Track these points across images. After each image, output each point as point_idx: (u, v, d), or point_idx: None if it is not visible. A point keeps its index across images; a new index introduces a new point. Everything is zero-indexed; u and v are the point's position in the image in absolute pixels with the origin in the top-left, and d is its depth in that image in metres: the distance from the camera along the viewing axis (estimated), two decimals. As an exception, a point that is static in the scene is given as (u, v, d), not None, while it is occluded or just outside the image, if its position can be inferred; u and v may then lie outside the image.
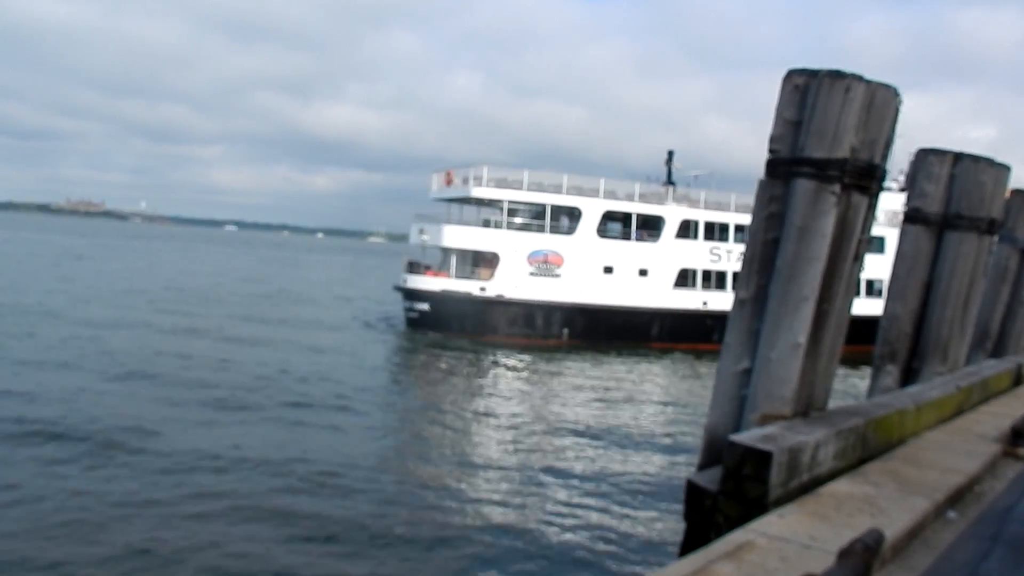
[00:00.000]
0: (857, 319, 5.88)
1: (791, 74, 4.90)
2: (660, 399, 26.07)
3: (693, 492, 4.49)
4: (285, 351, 28.55)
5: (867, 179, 4.80)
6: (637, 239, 41.08)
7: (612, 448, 18.20)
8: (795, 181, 4.80)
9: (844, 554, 2.75)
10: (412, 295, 38.55)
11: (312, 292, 58.37)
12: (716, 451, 4.85)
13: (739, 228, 42.54)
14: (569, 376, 28.64)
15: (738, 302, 5.08)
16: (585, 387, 26.51)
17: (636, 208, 41.42)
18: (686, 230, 41.65)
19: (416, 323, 38.26)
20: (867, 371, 7.51)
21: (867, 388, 7.76)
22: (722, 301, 40.43)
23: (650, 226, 41.86)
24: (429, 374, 27.90)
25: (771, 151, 4.98)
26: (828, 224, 4.72)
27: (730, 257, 41.90)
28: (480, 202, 40.99)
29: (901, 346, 7.39)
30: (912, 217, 7.39)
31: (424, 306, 37.93)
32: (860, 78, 4.70)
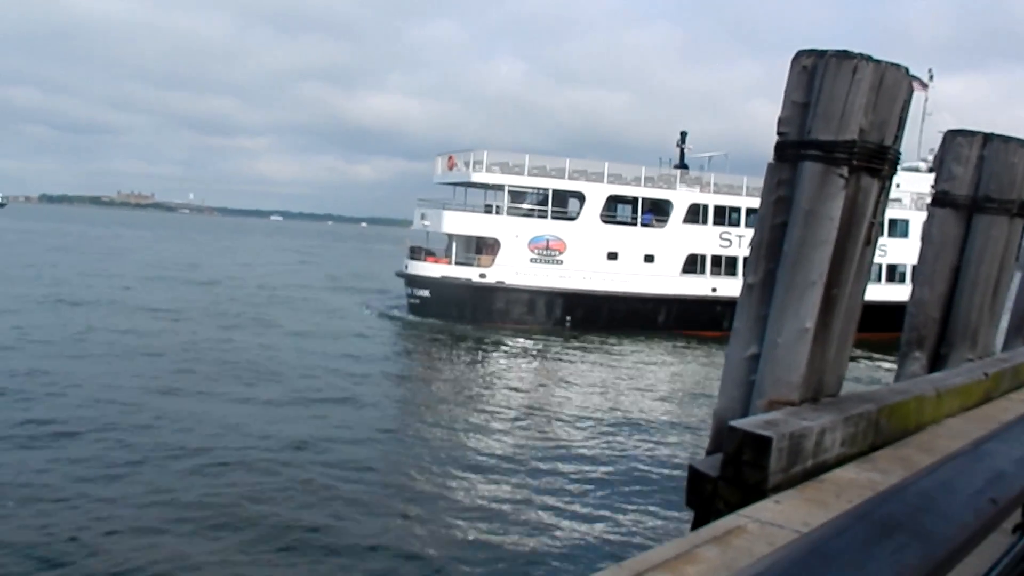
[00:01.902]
0: (874, 304, 5.82)
1: (799, 55, 4.87)
2: (668, 386, 25.73)
3: (695, 477, 4.52)
4: (281, 339, 28.59)
5: (877, 161, 4.75)
6: (643, 224, 40.31)
7: (619, 436, 18.06)
8: (803, 164, 4.78)
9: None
10: (413, 281, 38.65)
11: (329, 279, 58.60)
12: (723, 437, 4.87)
13: (751, 212, 41.55)
14: (572, 364, 28.37)
15: (746, 287, 5.08)
16: (589, 375, 26.17)
17: (642, 192, 40.77)
18: (695, 214, 40.86)
19: (417, 310, 38.23)
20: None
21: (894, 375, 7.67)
22: (732, 287, 39.66)
23: (657, 210, 41.07)
24: (423, 364, 27.75)
25: (779, 134, 4.96)
26: (836, 207, 4.68)
27: (741, 242, 40.81)
28: (484, 186, 40.65)
29: (929, 332, 7.28)
30: (940, 200, 7.26)
31: (425, 292, 37.91)
32: (868, 58, 4.66)
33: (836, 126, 4.62)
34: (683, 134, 45.79)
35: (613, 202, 40.79)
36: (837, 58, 4.64)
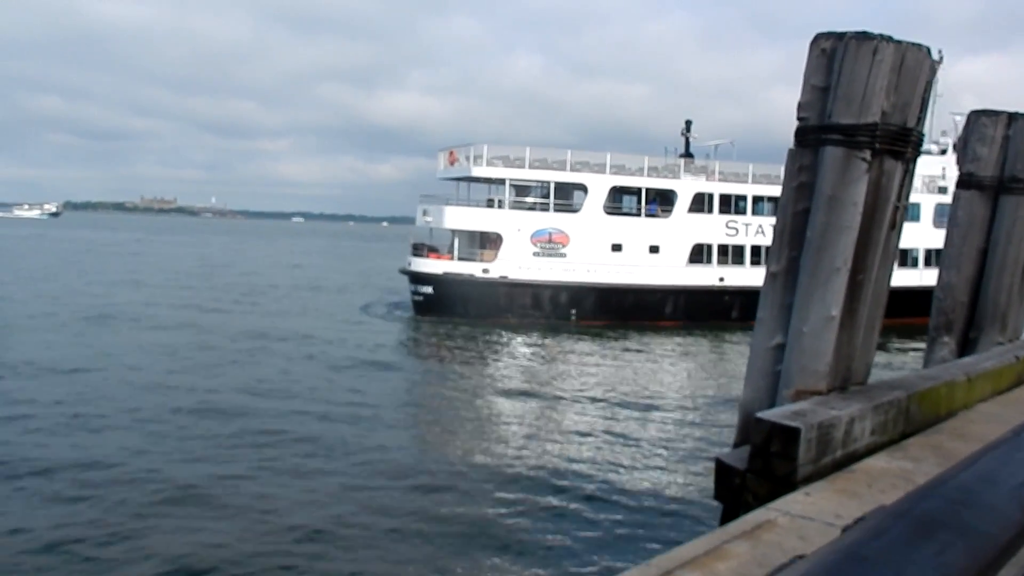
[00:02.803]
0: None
1: (818, 38, 4.76)
2: (680, 377, 25.31)
3: (722, 470, 4.44)
4: (287, 340, 28.48)
5: (901, 143, 4.64)
6: (648, 214, 39.97)
7: (636, 427, 17.79)
8: (824, 149, 4.68)
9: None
10: (416, 278, 38.26)
11: (337, 279, 58.60)
12: (749, 428, 4.78)
13: (757, 200, 40.89)
14: (580, 358, 27.96)
15: (770, 275, 4.99)
16: (597, 369, 25.67)
17: (646, 182, 40.10)
18: (700, 203, 40.13)
19: (421, 307, 37.87)
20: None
21: (923, 361, 7.54)
22: (740, 276, 39.24)
23: (662, 200, 40.62)
24: (426, 363, 27.36)
25: (799, 119, 4.87)
26: (859, 192, 4.58)
27: (747, 230, 40.40)
28: (487, 181, 40.23)
29: (957, 316, 7.13)
30: (966, 182, 7.10)
31: (428, 289, 37.55)
32: (889, 39, 4.54)
33: (857, 109, 4.52)
34: (688, 123, 45.14)
35: (616, 193, 40.24)
36: (857, 40, 4.53)
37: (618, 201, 40.58)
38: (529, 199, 39.55)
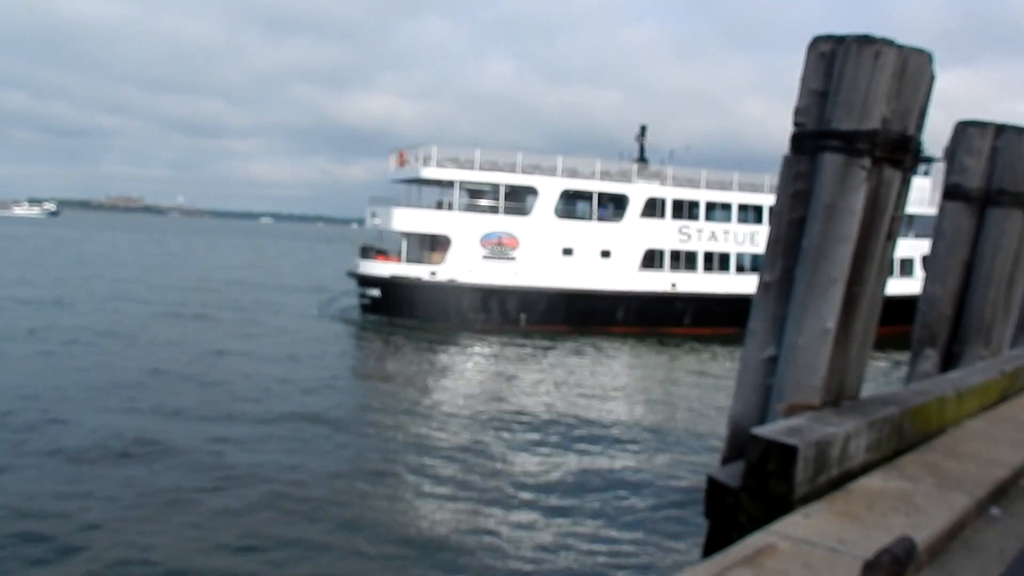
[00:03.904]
0: None
1: (816, 41, 4.61)
2: (632, 386, 24.85)
3: (714, 489, 4.24)
4: (228, 342, 27.59)
5: (900, 152, 4.50)
6: (599, 219, 39.89)
7: (587, 440, 16.99)
8: (822, 156, 4.52)
9: (869, 568, 2.50)
10: (364, 281, 37.85)
11: (287, 280, 57.67)
12: (740, 444, 4.60)
13: (710, 206, 41.03)
14: (528, 364, 27.41)
15: (762, 286, 4.81)
16: (547, 376, 24.93)
17: (597, 186, 39.82)
18: (652, 208, 40.11)
19: (369, 310, 37.48)
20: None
21: (905, 374, 7.42)
22: (692, 283, 39.36)
23: (614, 205, 40.57)
24: (372, 367, 26.67)
25: (796, 124, 4.71)
26: (858, 201, 4.43)
27: (700, 236, 40.44)
28: (438, 183, 39.81)
29: (941, 329, 7.04)
30: (952, 193, 7.02)
31: (375, 292, 37.16)
32: (891, 43, 4.40)
33: (858, 115, 4.37)
34: (643, 128, 45.21)
35: (568, 197, 40.08)
36: (858, 43, 4.38)
37: (570, 205, 40.36)
38: (483, 202, 39.07)
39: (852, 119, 4.37)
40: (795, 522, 3.62)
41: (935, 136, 7.92)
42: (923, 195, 40.46)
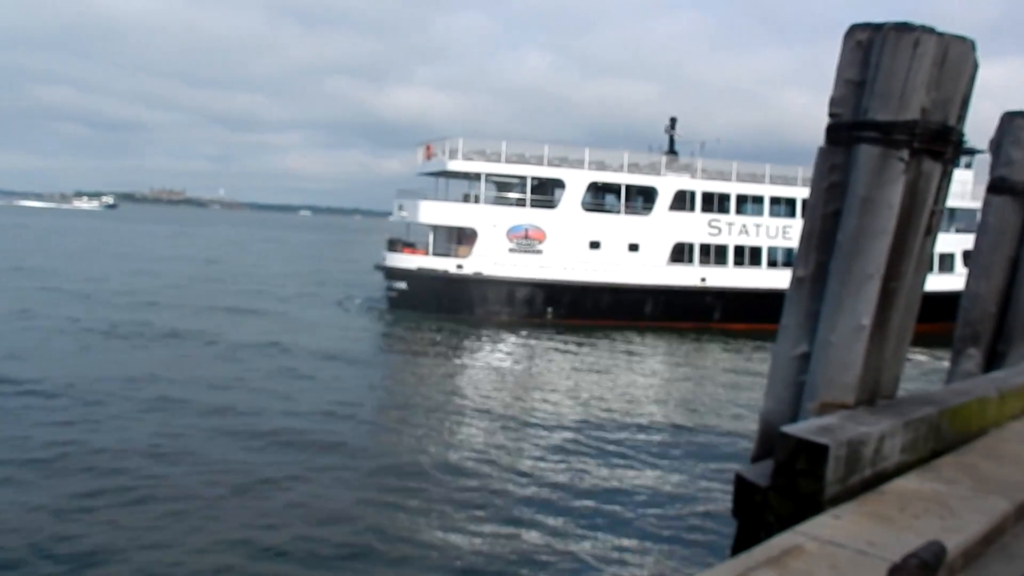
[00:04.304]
0: None
1: (853, 29, 4.49)
2: (663, 381, 24.46)
3: (742, 487, 4.16)
4: (256, 336, 27.62)
5: (940, 143, 4.37)
6: (627, 212, 39.51)
7: (617, 439, 16.64)
8: (858, 147, 4.40)
9: (895, 572, 2.42)
10: (390, 274, 37.82)
11: (319, 273, 57.76)
12: (770, 442, 4.51)
13: (741, 199, 40.42)
14: (556, 359, 27.04)
15: (795, 281, 4.71)
16: (575, 372, 24.47)
17: (625, 179, 39.39)
18: (682, 201, 39.47)
19: (395, 303, 37.39)
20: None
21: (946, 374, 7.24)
22: (722, 277, 38.81)
23: (642, 198, 40.09)
24: (394, 362, 26.42)
25: (831, 115, 4.59)
26: (895, 194, 4.31)
27: (731, 230, 39.76)
28: (462, 176, 39.64)
29: (984, 328, 6.85)
30: (997, 187, 6.82)
31: (402, 285, 37.10)
32: (931, 30, 4.27)
33: (896, 105, 4.24)
34: (673, 120, 44.57)
35: (595, 189, 39.75)
36: (896, 31, 4.26)
37: (598, 198, 40.06)
38: (512, 195, 38.86)
39: (890, 109, 4.25)
40: (824, 523, 3.53)
41: (982, 127, 7.70)
42: (965, 188, 39.52)
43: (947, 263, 39.00)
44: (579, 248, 37.52)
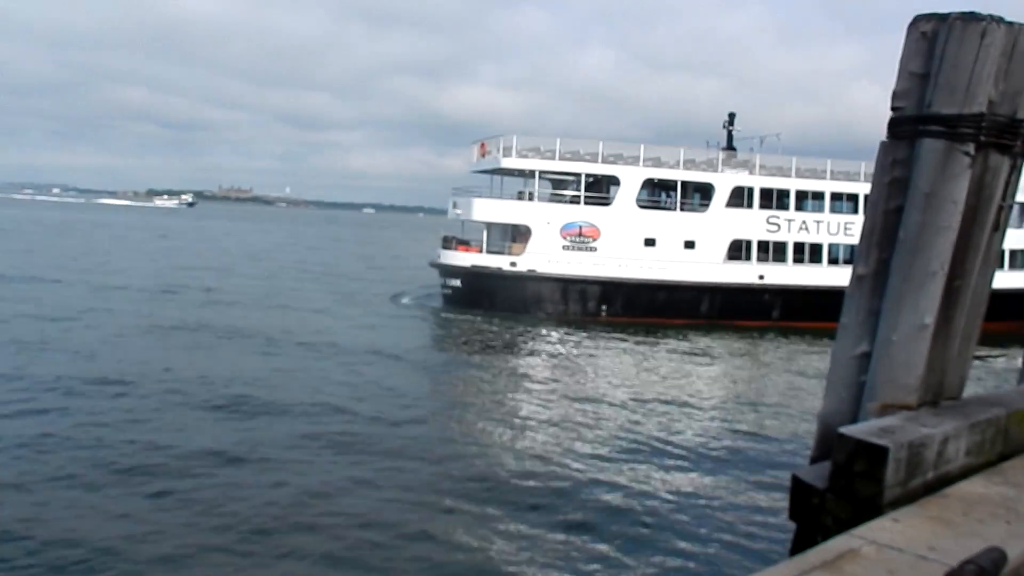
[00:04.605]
0: None
1: (917, 20, 4.38)
2: (722, 381, 23.97)
3: (799, 488, 4.10)
4: (309, 335, 27.89)
5: (1008, 136, 4.24)
6: (683, 209, 38.85)
7: (682, 436, 16.54)
8: (921, 141, 4.29)
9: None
10: (445, 271, 37.94)
11: (378, 270, 58.21)
12: (829, 444, 4.44)
13: (801, 195, 39.47)
14: (613, 357, 26.70)
15: (856, 278, 4.62)
16: (631, 371, 24.10)
17: (681, 175, 38.76)
18: (739, 198, 38.63)
19: (450, 300, 37.42)
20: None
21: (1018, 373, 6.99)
22: (781, 275, 37.98)
23: (699, 195, 39.35)
24: (451, 360, 26.30)
25: (894, 109, 4.48)
26: (960, 189, 4.19)
27: (790, 226, 38.87)
28: (517, 173, 39.49)
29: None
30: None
31: (456, 282, 37.12)
32: (999, 20, 4.14)
33: (961, 98, 4.12)
34: (731, 115, 43.76)
35: (651, 186, 39.27)
36: (962, 21, 4.14)
37: (653, 195, 39.68)
38: (568, 192, 38.71)
39: (955, 102, 4.13)
40: (882, 526, 3.46)
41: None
42: None
43: (1018, 260, 37.63)
44: (634, 245, 37.23)
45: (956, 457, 4.12)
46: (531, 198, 38.17)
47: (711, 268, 37.74)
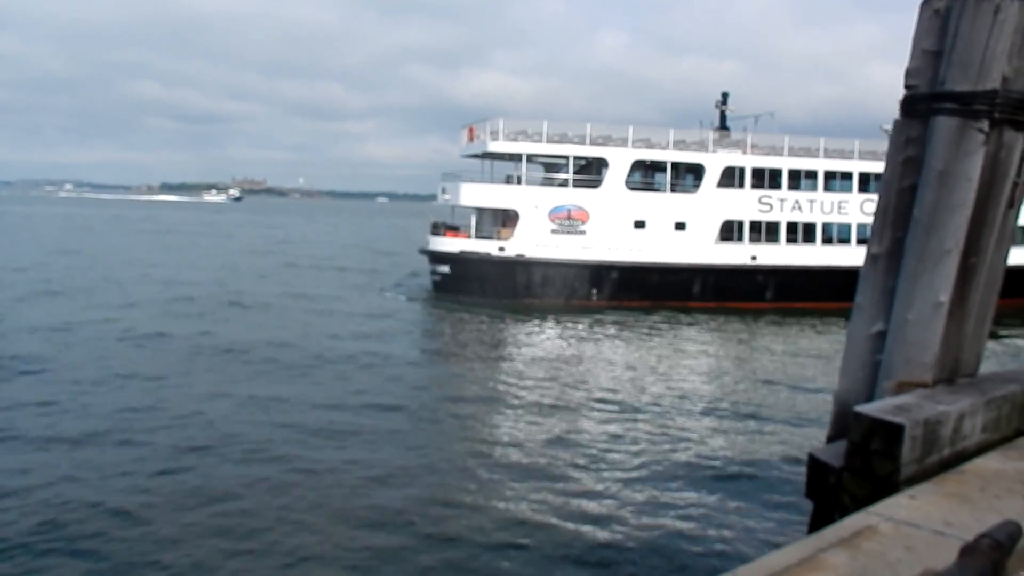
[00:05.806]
0: None
1: (930, -3, 4.33)
2: (718, 361, 23.70)
3: (816, 467, 4.12)
4: (303, 320, 27.72)
5: (1023, 113, 4.19)
6: (674, 190, 38.53)
7: (674, 424, 16.28)
8: (935, 119, 4.29)
9: (967, 551, 2.37)
10: (434, 257, 37.72)
11: (361, 258, 58.07)
12: (845, 422, 4.45)
13: (793, 174, 39.08)
14: (604, 342, 26.25)
15: (870, 258, 4.62)
16: (624, 355, 23.69)
17: (671, 156, 38.31)
18: (730, 178, 38.27)
19: (439, 286, 37.32)
20: None
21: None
22: (774, 255, 37.73)
23: (691, 175, 38.91)
24: (438, 348, 26.06)
25: (907, 87, 4.48)
26: (974, 166, 4.18)
27: (783, 206, 38.53)
28: (505, 157, 39.21)
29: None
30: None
31: (445, 268, 37.01)
32: (1014, -4, 4.09)
33: (975, 75, 4.11)
34: (724, 95, 43.63)
35: (640, 168, 38.82)
36: (976, -2, 4.09)
37: (644, 176, 39.29)
38: (560, 175, 38.42)
39: (968, 79, 4.12)
40: (899, 503, 3.47)
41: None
42: None
43: None
44: (623, 228, 37.00)
45: (972, 433, 4.13)
46: (519, 182, 38.01)
47: (702, 249, 37.46)
